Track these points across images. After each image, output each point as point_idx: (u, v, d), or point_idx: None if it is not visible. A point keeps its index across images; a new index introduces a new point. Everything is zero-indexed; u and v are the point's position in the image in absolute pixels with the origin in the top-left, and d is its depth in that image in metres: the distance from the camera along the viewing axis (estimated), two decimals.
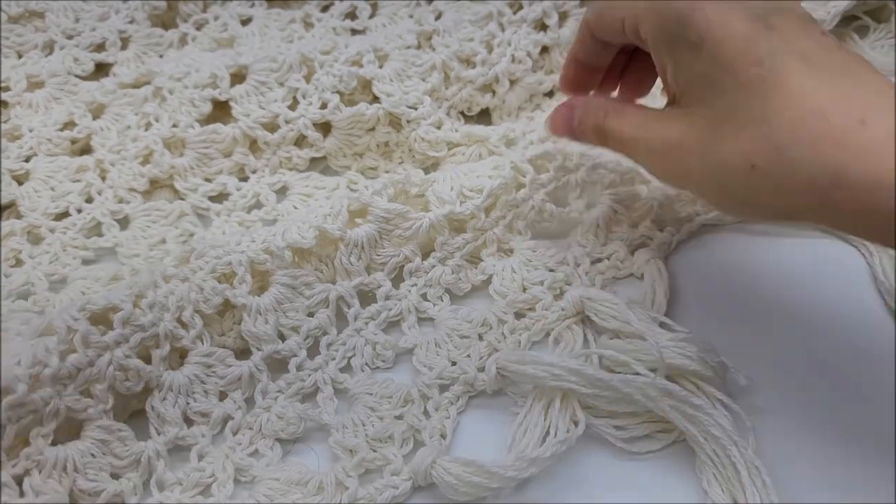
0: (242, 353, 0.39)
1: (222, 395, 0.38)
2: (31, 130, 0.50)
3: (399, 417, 0.37)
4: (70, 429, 0.35)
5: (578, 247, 0.43)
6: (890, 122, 0.28)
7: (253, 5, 0.57)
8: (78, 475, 0.34)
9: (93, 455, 0.35)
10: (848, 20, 0.56)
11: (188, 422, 0.37)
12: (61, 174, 0.48)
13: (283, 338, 0.39)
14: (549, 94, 0.55)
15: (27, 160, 0.49)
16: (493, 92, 0.52)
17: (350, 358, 0.40)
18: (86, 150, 0.50)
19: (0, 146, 0.48)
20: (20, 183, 0.48)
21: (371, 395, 0.38)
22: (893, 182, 0.27)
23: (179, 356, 0.39)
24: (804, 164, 0.29)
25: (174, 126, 0.49)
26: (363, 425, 0.37)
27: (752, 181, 0.30)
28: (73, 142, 0.50)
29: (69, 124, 0.50)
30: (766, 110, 0.30)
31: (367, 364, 0.39)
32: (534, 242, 0.44)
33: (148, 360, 0.37)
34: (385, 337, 0.40)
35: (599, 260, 0.43)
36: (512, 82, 0.52)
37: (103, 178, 0.48)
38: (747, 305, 0.41)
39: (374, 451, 0.36)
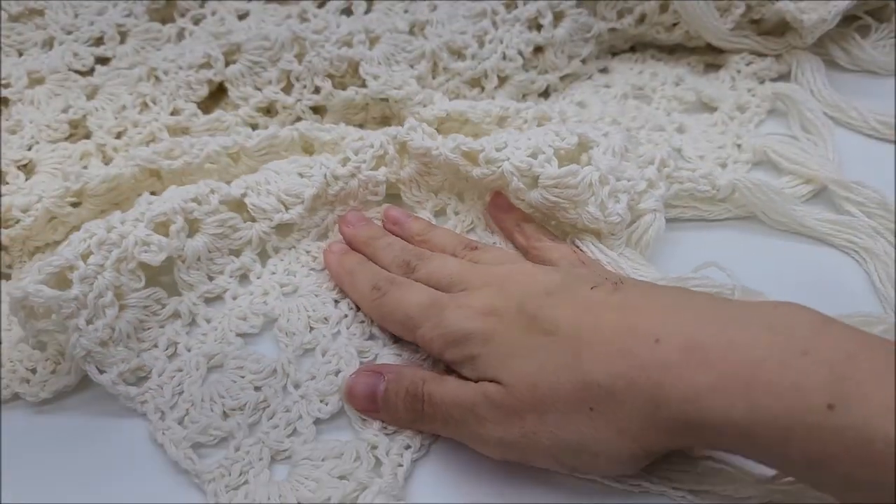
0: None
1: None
2: (31, 122, 0.52)
3: None
4: None
5: None
6: (679, 337, 0.30)
7: (250, 0, 0.60)
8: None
9: (140, 319, 0.40)
10: (849, 19, 0.57)
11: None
12: (67, 163, 0.50)
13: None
14: (545, 93, 0.57)
15: (29, 149, 0.51)
16: (482, 87, 0.54)
17: None
18: (87, 136, 0.52)
19: (1, 143, 0.51)
20: (27, 174, 0.50)
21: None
22: (700, 394, 0.29)
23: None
24: (627, 400, 0.31)
25: (175, 114, 0.51)
26: None
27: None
28: (73, 125, 0.52)
29: (66, 109, 0.52)
30: (580, 358, 0.32)
31: None
32: None
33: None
34: None
35: None
36: (502, 79, 0.54)
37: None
38: None
39: None
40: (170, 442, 0.37)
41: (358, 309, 0.42)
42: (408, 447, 0.36)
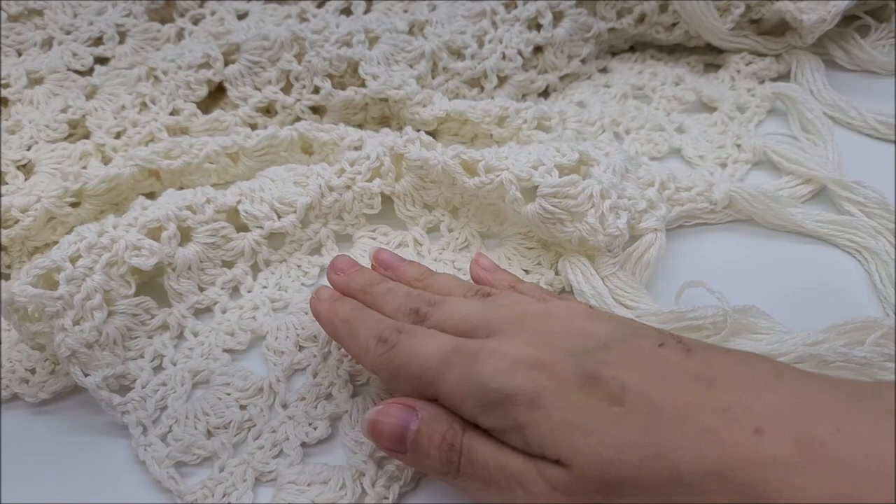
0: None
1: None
2: (30, 122, 0.52)
3: None
4: None
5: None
6: (787, 429, 0.25)
7: (249, 0, 0.61)
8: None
9: (128, 327, 0.40)
10: (849, 20, 0.57)
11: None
12: (66, 163, 0.50)
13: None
14: (544, 93, 0.57)
15: (28, 149, 0.51)
16: (482, 87, 0.54)
17: None
18: (86, 136, 0.52)
19: (0, 143, 0.51)
20: (26, 175, 0.50)
21: None
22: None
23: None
24: (720, 496, 0.25)
25: (174, 114, 0.51)
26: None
27: None
28: (72, 126, 0.52)
29: (65, 109, 0.52)
30: (660, 438, 0.27)
31: None
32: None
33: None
34: None
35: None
36: (501, 79, 0.54)
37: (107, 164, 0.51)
38: None
39: None
40: (152, 459, 0.36)
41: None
42: (396, 479, 0.35)
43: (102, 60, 0.57)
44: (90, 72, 0.55)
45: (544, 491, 0.28)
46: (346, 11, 0.59)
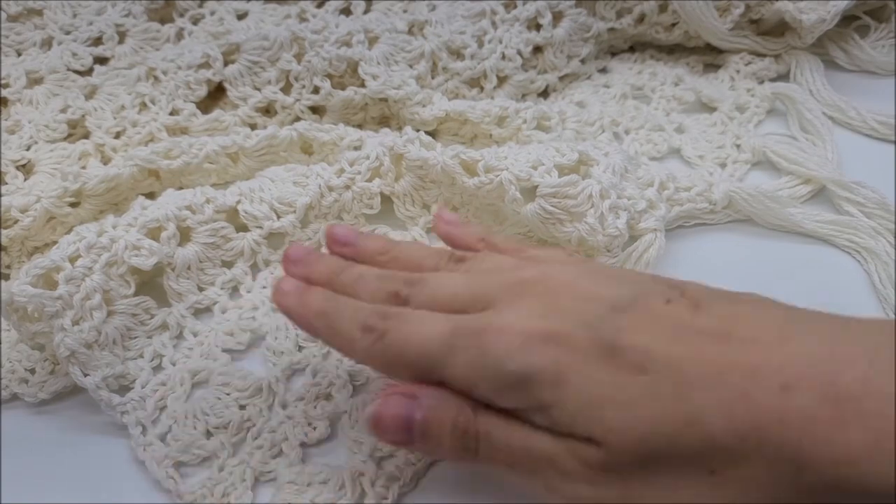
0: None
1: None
2: (30, 122, 0.52)
3: None
4: None
5: None
6: (813, 384, 0.25)
7: (249, 0, 0.61)
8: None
9: (127, 327, 0.40)
10: (848, 20, 0.57)
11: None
12: (66, 163, 0.50)
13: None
14: (544, 93, 0.57)
15: (28, 149, 0.51)
16: (481, 87, 0.54)
17: None
18: (86, 136, 0.52)
19: (0, 144, 0.51)
20: (25, 175, 0.49)
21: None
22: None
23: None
24: (758, 461, 0.25)
25: (174, 114, 0.51)
26: None
27: None
28: (71, 126, 0.52)
29: (65, 109, 0.52)
30: (691, 405, 0.26)
31: None
32: None
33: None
34: None
35: None
36: (501, 80, 0.54)
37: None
38: None
39: None
40: (151, 459, 0.36)
41: None
42: (396, 479, 0.34)
43: (102, 60, 0.57)
44: (90, 72, 0.55)
45: (579, 470, 0.27)
46: (346, 11, 0.59)
